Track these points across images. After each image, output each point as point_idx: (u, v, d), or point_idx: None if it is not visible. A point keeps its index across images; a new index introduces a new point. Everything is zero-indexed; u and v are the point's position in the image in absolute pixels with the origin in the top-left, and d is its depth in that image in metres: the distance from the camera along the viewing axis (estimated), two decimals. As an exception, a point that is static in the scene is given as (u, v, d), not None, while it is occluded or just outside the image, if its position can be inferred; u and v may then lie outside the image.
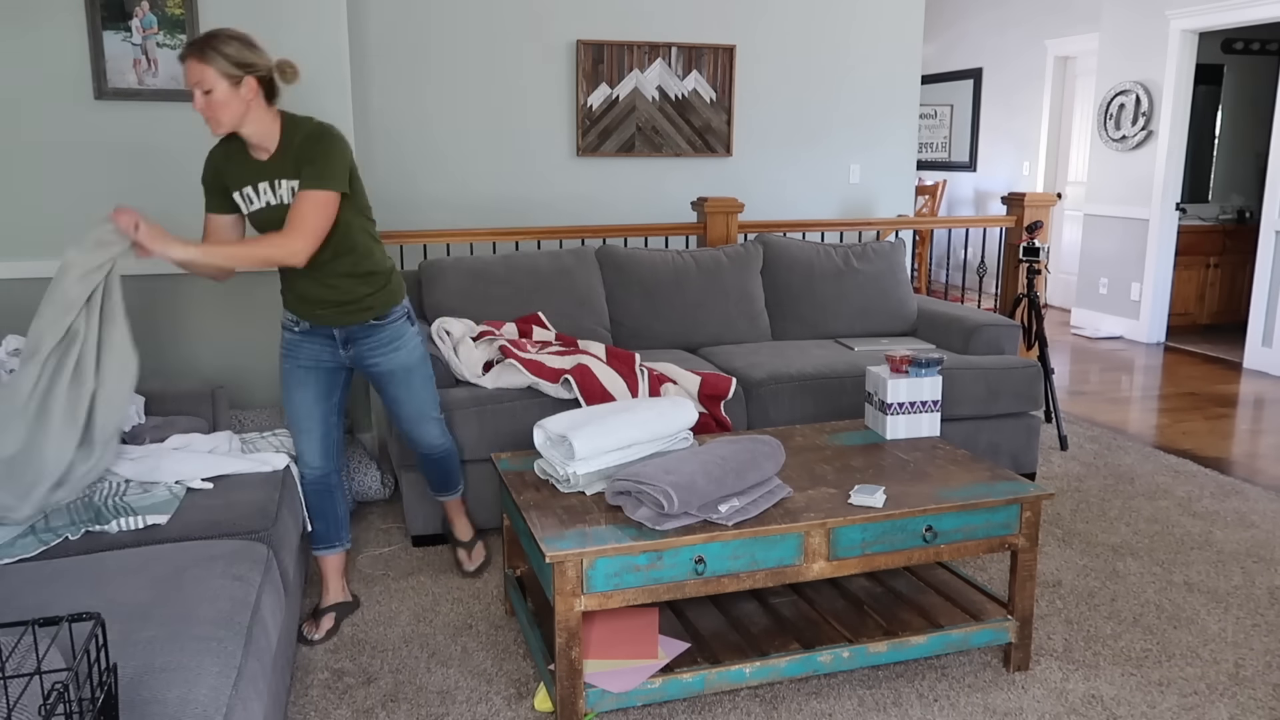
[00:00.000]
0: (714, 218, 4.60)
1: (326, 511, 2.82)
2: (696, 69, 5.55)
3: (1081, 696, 2.44)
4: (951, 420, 3.62)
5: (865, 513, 2.33)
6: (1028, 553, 2.49)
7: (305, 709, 2.38)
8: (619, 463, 2.51)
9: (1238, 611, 2.88)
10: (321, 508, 2.81)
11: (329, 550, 2.84)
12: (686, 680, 2.28)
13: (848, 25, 5.84)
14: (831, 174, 5.98)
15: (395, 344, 2.72)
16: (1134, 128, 6.86)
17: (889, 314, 4.34)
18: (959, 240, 8.85)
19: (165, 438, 2.84)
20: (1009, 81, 8.63)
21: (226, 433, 2.90)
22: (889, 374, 2.91)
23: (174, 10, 3.53)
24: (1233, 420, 4.97)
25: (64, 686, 1.18)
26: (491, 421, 3.23)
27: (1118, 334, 7.15)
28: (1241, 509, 3.68)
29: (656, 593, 2.21)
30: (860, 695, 2.44)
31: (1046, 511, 3.64)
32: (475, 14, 5.15)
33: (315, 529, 2.82)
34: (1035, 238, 4.72)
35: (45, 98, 3.51)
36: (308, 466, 2.76)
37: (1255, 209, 7.48)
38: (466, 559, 3.12)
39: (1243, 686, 2.49)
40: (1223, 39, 7.31)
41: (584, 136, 5.43)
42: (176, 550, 2.16)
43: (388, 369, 2.74)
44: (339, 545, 2.85)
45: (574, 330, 3.90)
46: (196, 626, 1.80)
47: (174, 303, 3.76)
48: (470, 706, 2.40)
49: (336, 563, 2.85)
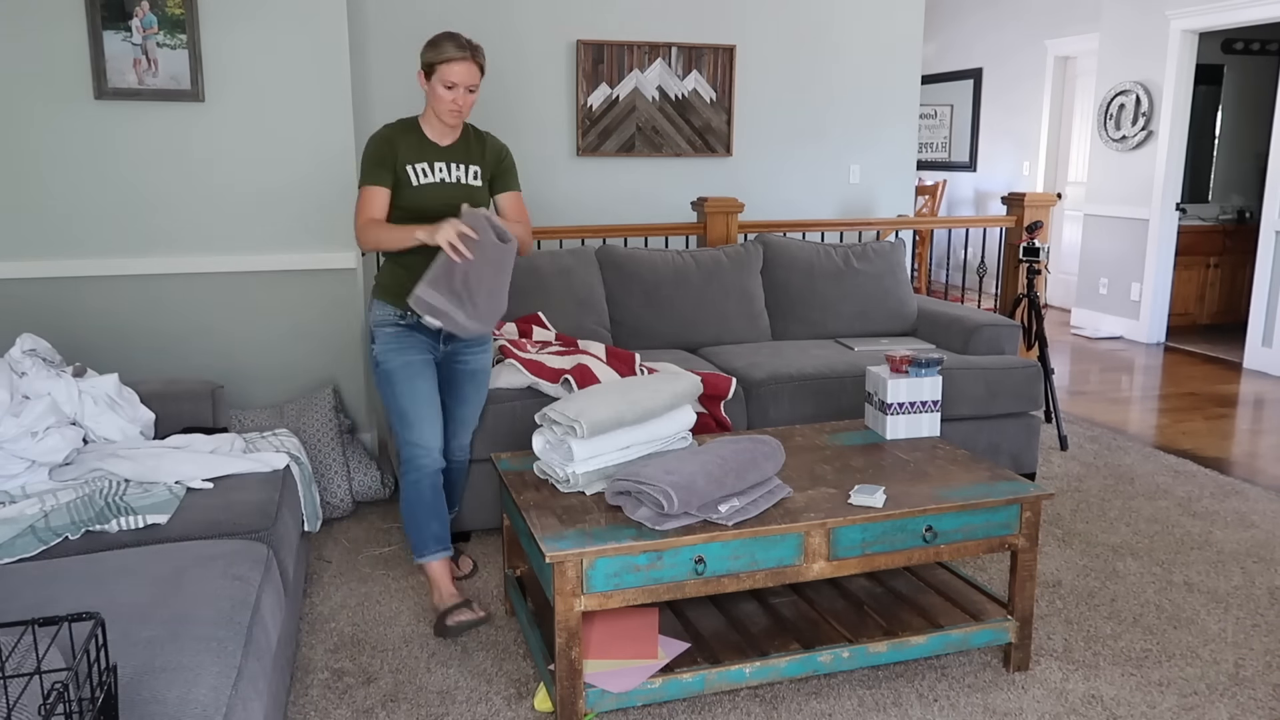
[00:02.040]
0: (714, 218, 4.60)
1: (440, 509, 2.81)
2: (696, 69, 5.55)
3: (1081, 696, 2.44)
4: (951, 420, 3.62)
5: (865, 513, 2.33)
6: (1028, 553, 2.49)
7: (305, 709, 2.38)
8: (618, 462, 2.51)
9: (1238, 611, 2.88)
10: (437, 505, 2.80)
11: (447, 552, 2.82)
12: (686, 680, 2.28)
13: (848, 25, 5.84)
14: (831, 174, 5.98)
15: (484, 345, 2.90)
16: (1134, 128, 6.86)
17: (889, 314, 4.34)
18: (959, 240, 8.85)
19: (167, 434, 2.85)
20: (1009, 81, 8.63)
21: (230, 434, 2.90)
22: (889, 374, 2.91)
23: (174, 10, 3.53)
24: (1233, 420, 4.97)
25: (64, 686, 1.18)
26: (491, 421, 3.23)
27: (1118, 334, 7.16)
28: (1241, 509, 3.68)
29: (656, 593, 2.21)
30: (860, 695, 2.44)
31: (1046, 511, 3.64)
32: (475, 14, 5.15)
33: (432, 530, 2.77)
34: (1035, 238, 4.72)
35: (45, 98, 3.51)
36: (426, 453, 2.74)
37: (1255, 209, 7.48)
38: (455, 567, 3.08)
39: (1243, 686, 2.49)
40: (1223, 39, 7.31)
41: (584, 136, 5.43)
42: (176, 550, 2.16)
43: (474, 368, 2.88)
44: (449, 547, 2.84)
45: (574, 330, 3.90)
46: (196, 626, 1.80)
47: (174, 302, 3.76)
48: (470, 706, 2.40)
49: (447, 566, 2.84)
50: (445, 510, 2.85)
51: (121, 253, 3.68)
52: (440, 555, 2.81)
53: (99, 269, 3.65)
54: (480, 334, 2.73)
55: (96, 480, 2.56)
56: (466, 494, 3.28)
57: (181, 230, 3.73)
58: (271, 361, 3.89)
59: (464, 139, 2.82)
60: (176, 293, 3.76)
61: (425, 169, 2.74)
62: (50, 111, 3.52)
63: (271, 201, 3.78)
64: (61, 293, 3.65)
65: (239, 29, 3.65)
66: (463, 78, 2.67)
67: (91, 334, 3.68)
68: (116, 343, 3.71)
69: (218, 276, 3.79)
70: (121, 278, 3.70)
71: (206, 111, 3.67)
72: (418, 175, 2.73)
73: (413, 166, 2.73)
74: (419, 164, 2.73)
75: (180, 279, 3.75)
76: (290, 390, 3.94)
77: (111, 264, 3.66)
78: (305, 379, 3.95)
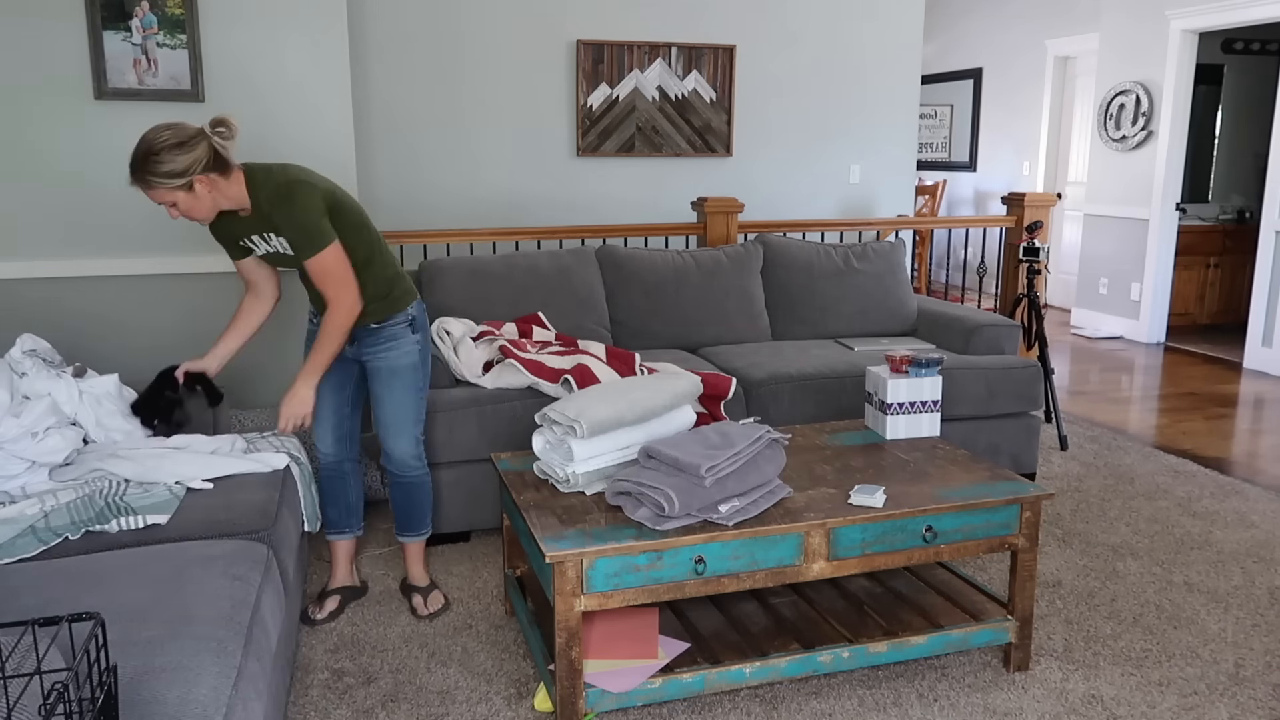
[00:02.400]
0: (714, 218, 4.60)
1: (338, 497, 2.94)
2: (696, 69, 5.55)
3: (1081, 696, 2.44)
4: (951, 420, 3.62)
5: (865, 513, 2.33)
6: (1028, 553, 2.49)
7: (305, 709, 2.38)
8: (618, 462, 2.51)
9: (1238, 611, 2.88)
10: (334, 493, 2.93)
11: (340, 536, 2.95)
12: (686, 680, 2.28)
13: (848, 25, 5.84)
14: (831, 174, 5.98)
15: (390, 344, 2.77)
16: (1134, 128, 6.86)
17: (889, 314, 4.34)
18: (959, 240, 8.85)
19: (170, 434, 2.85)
20: (1009, 81, 8.63)
21: (231, 436, 2.90)
22: (889, 374, 2.91)
23: (174, 10, 3.53)
24: (1233, 420, 4.97)
25: (64, 686, 1.18)
26: (491, 421, 3.23)
27: (1118, 334, 7.15)
28: (1241, 509, 3.68)
29: (656, 593, 2.21)
30: (860, 695, 2.44)
31: (1046, 511, 3.63)
32: (475, 14, 5.15)
33: (328, 514, 2.94)
34: (1035, 238, 4.72)
35: (45, 97, 3.51)
36: (320, 452, 2.89)
37: (1255, 209, 7.48)
38: (423, 604, 2.88)
39: (1243, 686, 2.49)
40: (1223, 39, 7.31)
41: (584, 136, 5.43)
42: (176, 550, 2.16)
43: (376, 366, 2.79)
44: (349, 531, 2.96)
45: (574, 330, 3.90)
46: (196, 626, 1.80)
47: (174, 302, 3.76)
48: (470, 706, 2.40)
49: (346, 548, 2.97)
50: (346, 499, 2.94)
51: (121, 253, 3.68)
52: (335, 537, 2.95)
53: (99, 269, 3.65)
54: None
55: (97, 480, 2.56)
56: (466, 494, 3.27)
57: (181, 230, 3.73)
58: (271, 361, 3.88)
59: (255, 206, 2.52)
60: (176, 293, 3.76)
61: (257, 239, 2.61)
62: (50, 111, 3.52)
63: (271, 201, 3.78)
64: (61, 293, 3.65)
65: (239, 29, 3.65)
66: (156, 200, 2.43)
67: (91, 334, 3.69)
68: (116, 343, 3.71)
69: (218, 276, 3.79)
70: (121, 278, 3.70)
71: (206, 111, 3.66)
72: (255, 246, 2.63)
73: (246, 239, 2.62)
74: (248, 237, 2.61)
75: (180, 279, 3.75)
76: (290, 390, 3.93)
77: (111, 264, 3.66)
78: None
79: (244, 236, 2.61)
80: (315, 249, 2.50)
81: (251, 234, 2.59)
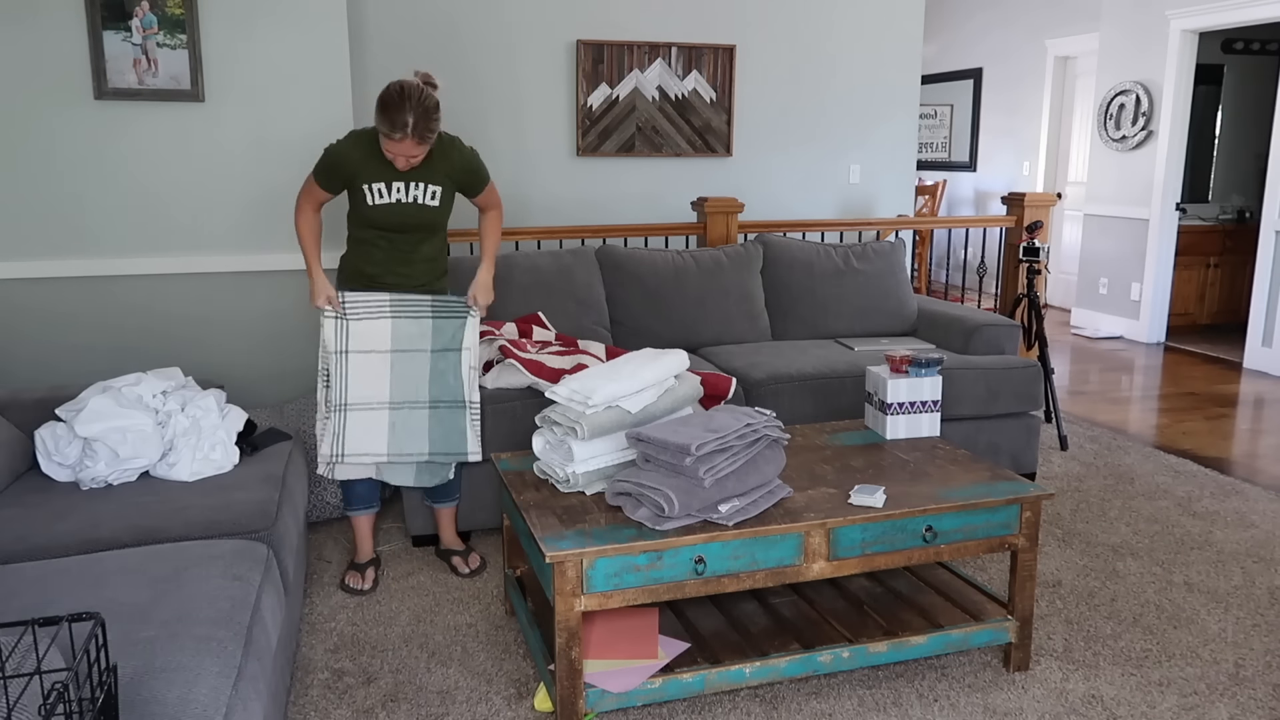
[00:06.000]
0: (714, 218, 4.60)
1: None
2: (696, 69, 5.55)
3: (1081, 696, 2.44)
4: (951, 420, 3.62)
5: (865, 513, 2.33)
6: (1028, 553, 2.49)
7: (305, 709, 2.38)
8: (618, 463, 2.51)
9: (1238, 611, 2.88)
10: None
11: (369, 510, 3.10)
12: (686, 680, 2.28)
13: (848, 25, 5.84)
14: (831, 174, 5.98)
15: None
16: (1134, 128, 6.86)
17: (889, 314, 4.34)
18: (959, 240, 8.85)
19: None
20: (1009, 81, 8.63)
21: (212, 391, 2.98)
22: (889, 374, 2.91)
23: (174, 10, 3.53)
24: (1233, 420, 4.97)
25: (64, 686, 1.18)
26: (491, 421, 3.23)
27: (1118, 334, 7.16)
28: (1241, 509, 3.68)
29: (656, 593, 2.21)
30: (860, 695, 2.44)
31: (1046, 511, 3.64)
32: (475, 14, 5.15)
33: (357, 491, 3.07)
34: (1035, 238, 4.72)
35: (45, 98, 3.51)
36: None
37: (1255, 209, 7.48)
38: (463, 563, 3.15)
39: (1243, 686, 2.49)
40: (1223, 39, 7.31)
41: (584, 136, 5.43)
42: (176, 550, 2.16)
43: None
44: (374, 506, 3.12)
45: (574, 330, 3.90)
46: (196, 626, 1.80)
47: (175, 302, 3.76)
48: (470, 706, 2.40)
49: (371, 522, 3.13)
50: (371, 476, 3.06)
51: (121, 253, 3.68)
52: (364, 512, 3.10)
53: (99, 269, 3.65)
54: None
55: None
56: (467, 494, 3.28)
57: (182, 230, 3.73)
58: (271, 361, 3.89)
59: (427, 158, 2.83)
60: (177, 292, 3.76)
61: (382, 189, 2.82)
62: (50, 111, 3.52)
63: (272, 201, 3.78)
64: (62, 293, 3.65)
65: (239, 29, 3.65)
66: (403, 150, 2.71)
67: (91, 334, 3.69)
68: (117, 342, 3.71)
69: (218, 276, 3.79)
70: (122, 278, 3.70)
71: (206, 111, 3.67)
72: (373, 195, 2.83)
73: (369, 186, 2.82)
74: (376, 183, 2.81)
75: (180, 279, 3.76)
76: (290, 390, 3.94)
77: (111, 264, 3.66)
78: (305, 379, 3.95)
79: (384, 181, 2.80)
80: (487, 178, 3.01)
81: (396, 181, 2.81)
